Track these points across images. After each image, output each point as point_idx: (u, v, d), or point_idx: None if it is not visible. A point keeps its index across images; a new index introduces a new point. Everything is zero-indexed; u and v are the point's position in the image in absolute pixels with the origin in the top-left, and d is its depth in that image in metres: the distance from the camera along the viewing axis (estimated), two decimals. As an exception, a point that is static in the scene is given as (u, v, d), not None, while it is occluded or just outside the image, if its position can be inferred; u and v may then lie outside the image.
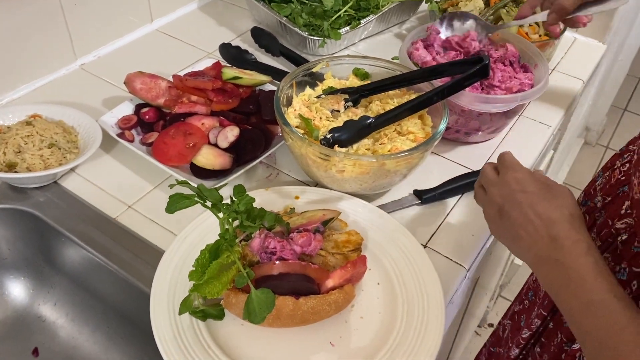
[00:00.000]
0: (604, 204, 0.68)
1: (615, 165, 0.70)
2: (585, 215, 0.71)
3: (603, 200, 0.68)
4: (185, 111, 0.90)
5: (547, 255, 0.57)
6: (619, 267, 0.61)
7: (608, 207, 0.67)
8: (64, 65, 1.05)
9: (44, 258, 0.86)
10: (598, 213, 0.68)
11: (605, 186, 0.69)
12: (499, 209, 0.63)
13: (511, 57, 0.93)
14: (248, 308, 0.60)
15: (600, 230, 0.65)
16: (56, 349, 0.84)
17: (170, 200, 0.62)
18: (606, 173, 0.72)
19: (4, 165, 0.79)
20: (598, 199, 0.69)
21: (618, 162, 0.70)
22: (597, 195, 0.70)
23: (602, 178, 0.72)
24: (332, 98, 0.87)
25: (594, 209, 0.69)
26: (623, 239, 0.61)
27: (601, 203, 0.68)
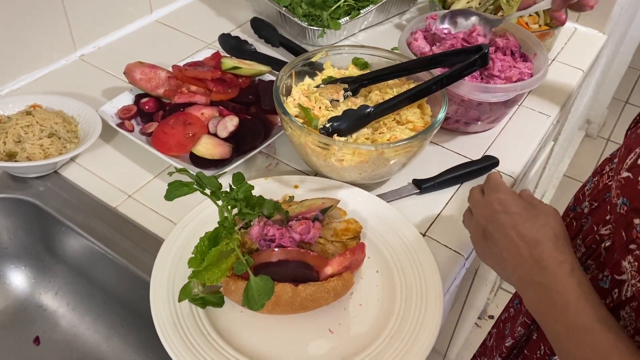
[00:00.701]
0: (590, 210, 0.66)
1: (604, 170, 0.68)
2: (573, 221, 0.69)
3: (590, 205, 0.67)
4: (185, 101, 0.90)
5: (530, 278, 0.56)
6: (601, 275, 0.59)
7: (594, 212, 0.65)
8: (63, 56, 1.05)
9: (44, 247, 0.86)
10: (584, 219, 0.67)
11: (594, 191, 0.68)
12: (483, 231, 0.63)
13: (512, 46, 0.93)
14: (247, 295, 0.60)
15: (586, 236, 0.64)
16: (57, 337, 0.85)
17: (169, 187, 0.62)
18: (595, 178, 0.70)
19: (4, 155, 0.79)
20: (585, 205, 0.68)
21: (607, 167, 0.68)
22: (585, 200, 0.69)
23: (591, 183, 0.70)
24: (332, 87, 0.87)
25: (581, 214, 0.68)
26: (606, 246, 0.60)
27: (588, 209, 0.67)
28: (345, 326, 0.66)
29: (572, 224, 0.69)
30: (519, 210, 0.60)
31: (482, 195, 0.66)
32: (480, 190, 0.67)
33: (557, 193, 2.33)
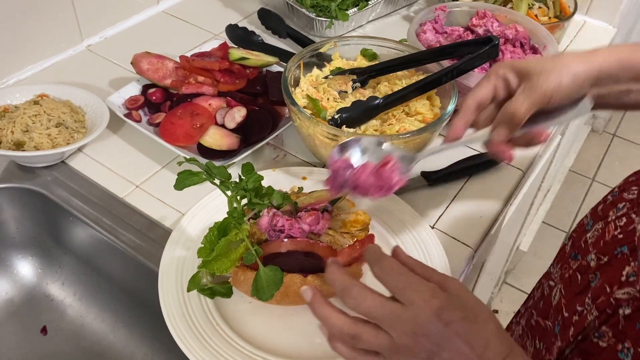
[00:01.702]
0: (599, 264, 0.59)
1: (609, 217, 0.62)
2: (577, 274, 0.62)
3: (598, 259, 0.60)
4: (192, 92, 0.90)
5: None
6: (621, 346, 0.53)
7: (604, 269, 0.58)
8: (70, 46, 1.04)
9: (52, 237, 0.86)
10: (592, 274, 0.60)
11: (599, 242, 0.61)
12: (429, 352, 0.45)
13: (521, 38, 0.92)
14: (256, 285, 0.60)
15: (597, 296, 0.57)
16: (64, 327, 0.85)
17: (179, 177, 0.62)
18: (598, 224, 0.63)
19: (12, 144, 0.79)
20: (591, 257, 0.61)
21: (612, 214, 0.62)
22: (590, 251, 0.62)
23: (593, 230, 0.64)
24: (340, 79, 0.87)
25: (587, 268, 0.61)
26: (626, 314, 0.52)
27: (595, 262, 0.60)
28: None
29: (576, 277, 0.62)
30: (457, 313, 0.46)
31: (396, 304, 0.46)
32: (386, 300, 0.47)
33: (562, 188, 2.32)
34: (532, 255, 2.11)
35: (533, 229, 2.03)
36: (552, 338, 0.64)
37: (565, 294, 0.64)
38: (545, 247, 2.18)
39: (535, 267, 2.12)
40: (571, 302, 0.62)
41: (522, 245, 1.98)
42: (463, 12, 1.02)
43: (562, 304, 0.64)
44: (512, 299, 2.03)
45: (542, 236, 2.18)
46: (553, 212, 2.23)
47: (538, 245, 2.13)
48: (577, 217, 2.32)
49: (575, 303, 0.60)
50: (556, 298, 0.66)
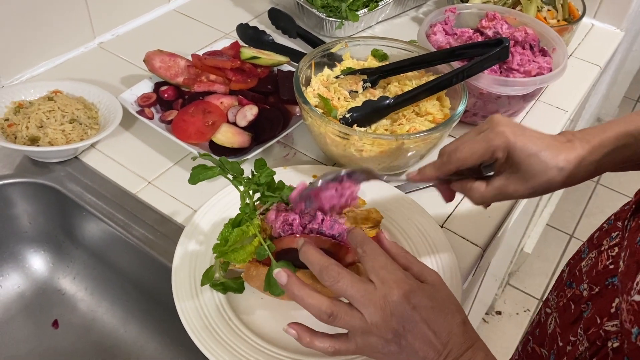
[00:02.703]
0: (590, 295, 0.58)
1: (603, 247, 0.61)
2: (571, 303, 0.61)
3: (590, 289, 0.58)
4: (204, 90, 0.91)
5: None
6: None
7: (595, 300, 0.57)
8: (82, 44, 1.05)
9: (64, 232, 0.87)
10: (584, 305, 0.58)
11: (592, 271, 0.60)
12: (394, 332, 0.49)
13: (531, 40, 0.93)
14: (269, 280, 0.61)
15: (588, 327, 0.56)
16: (75, 321, 0.86)
17: (193, 171, 0.63)
18: (592, 252, 0.63)
19: (26, 139, 0.80)
20: (584, 287, 0.60)
21: (605, 243, 0.61)
22: (584, 280, 0.60)
23: (588, 259, 0.62)
24: (351, 79, 0.88)
25: (580, 297, 0.59)
26: (614, 347, 0.51)
27: (587, 292, 0.59)
28: (364, 314, 0.67)
29: (569, 307, 0.61)
30: (426, 299, 0.50)
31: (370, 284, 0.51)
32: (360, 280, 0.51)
33: (566, 190, 2.32)
34: (535, 257, 2.12)
35: (537, 231, 2.04)
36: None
37: (560, 322, 0.63)
38: (549, 249, 2.18)
39: (539, 269, 2.13)
40: (565, 331, 0.61)
41: (526, 247, 1.99)
42: (472, 14, 1.03)
43: (557, 333, 0.63)
44: (515, 301, 2.03)
45: (546, 238, 2.18)
46: (557, 214, 2.24)
47: (542, 247, 2.14)
48: (580, 220, 2.32)
49: (569, 333, 0.59)
50: (551, 326, 0.65)
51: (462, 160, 0.60)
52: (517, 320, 1.98)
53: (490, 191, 0.61)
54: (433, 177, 0.64)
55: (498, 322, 1.96)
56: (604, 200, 2.41)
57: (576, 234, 2.26)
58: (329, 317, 0.51)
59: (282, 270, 0.54)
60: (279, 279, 0.54)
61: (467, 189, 0.63)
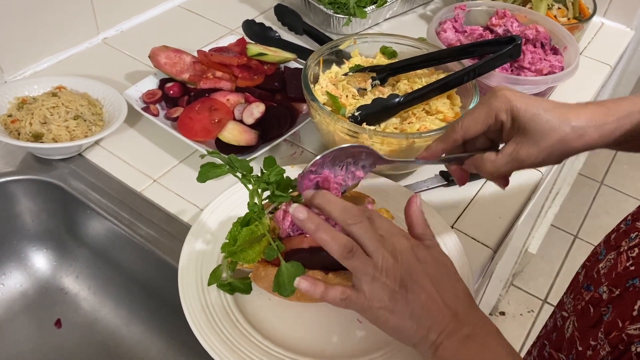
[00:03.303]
0: (611, 297, 0.57)
1: (622, 248, 0.59)
2: (590, 306, 0.59)
3: (610, 292, 0.57)
4: (210, 87, 0.89)
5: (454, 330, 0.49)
6: None
7: (616, 303, 0.56)
8: (86, 39, 1.04)
9: (67, 230, 0.86)
10: (604, 308, 0.57)
11: (611, 273, 0.58)
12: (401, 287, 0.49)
13: (542, 38, 0.91)
14: (278, 281, 0.59)
15: (609, 331, 0.54)
16: (78, 321, 0.85)
17: (201, 169, 0.61)
18: (610, 254, 0.61)
19: (30, 136, 0.79)
20: (603, 289, 0.58)
21: (624, 244, 0.59)
22: (603, 282, 0.59)
23: (606, 260, 0.61)
24: (359, 76, 0.86)
25: (600, 300, 0.58)
26: (638, 351, 0.50)
27: (607, 295, 0.57)
28: (373, 316, 0.66)
29: (588, 309, 0.60)
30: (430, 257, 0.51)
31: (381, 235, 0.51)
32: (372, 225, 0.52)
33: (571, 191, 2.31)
34: (539, 257, 2.10)
35: (542, 231, 2.02)
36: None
37: (578, 326, 0.62)
38: (553, 250, 2.17)
39: (543, 270, 2.11)
40: (585, 335, 0.60)
41: (531, 247, 1.97)
42: (482, 11, 1.02)
43: (575, 337, 0.62)
44: (519, 302, 2.02)
45: (550, 239, 2.17)
46: (561, 215, 2.23)
47: (546, 248, 2.13)
48: (585, 221, 2.31)
49: (588, 337, 0.58)
50: (569, 330, 0.64)
51: (465, 128, 0.59)
52: (521, 321, 1.97)
53: (502, 159, 0.58)
54: (439, 151, 0.62)
55: (502, 323, 1.94)
56: (608, 201, 2.40)
57: (580, 235, 2.25)
58: (348, 253, 0.50)
59: (300, 205, 0.53)
60: (296, 213, 0.52)
61: (479, 163, 0.60)
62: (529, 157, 0.57)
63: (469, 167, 0.62)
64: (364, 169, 0.62)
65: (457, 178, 0.65)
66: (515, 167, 0.59)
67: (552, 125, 0.55)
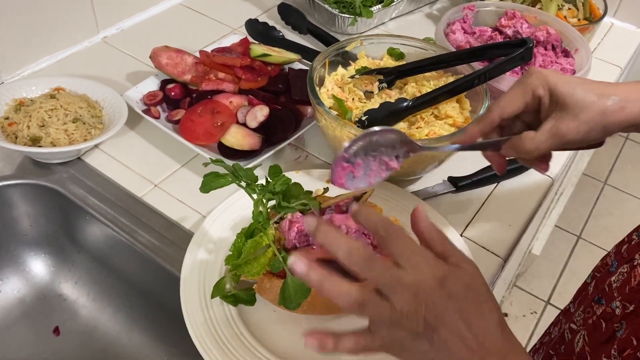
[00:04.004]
0: (624, 313, 0.55)
1: (635, 261, 0.58)
2: (602, 322, 0.58)
3: (623, 307, 0.56)
4: (213, 88, 0.87)
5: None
6: None
7: (631, 319, 0.54)
8: (86, 38, 1.02)
9: (65, 235, 0.84)
10: (617, 324, 0.55)
11: (624, 288, 0.57)
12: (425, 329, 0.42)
13: (553, 40, 0.89)
14: (284, 294, 0.57)
15: (623, 348, 0.53)
16: (77, 328, 0.83)
17: (205, 179, 0.59)
18: (623, 267, 0.59)
19: (28, 139, 0.77)
20: (616, 304, 0.57)
21: (638, 257, 0.58)
22: (615, 297, 0.58)
23: (618, 274, 0.59)
24: (366, 79, 0.84)
25: (612, 316, 0.57)
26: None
27: (621, 311, 0.56)
28: (381, 329, 0.64)
29: (600, 325, 0.58)
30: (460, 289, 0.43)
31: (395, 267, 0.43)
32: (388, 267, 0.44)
33: (575, 191, 2.29)
34: (542, 258, 2.09)
35: (546, 232, 2.00)
36: None
37: (589, 341, 0.60)
38: (557, 250, 2.15)
39: (546, 271, 2.10)
40: (596, 351, 0.58)
41: (535, 249, 1.95)
42: (490, 12, 0.99)
43: (586, 352, 0.60)
44: (521, 302, 2.00)
45: (554, 240, 2.15)
46: (565, 215, 2.21)
47: (549, 248, 2.11)
48: (588, 221, 2.29)
49: (601, 353, 0.57)
50: (579, 344, 0.62)
51: (502, 107, 0.57)
52: (524, 323, 1.95)
53: (541, 135, 0.56)
54: (476, 133, 0.59)
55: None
56: (611, 202, 2.38)
57: (584, 235, 2.23)
58: (359, 306, 0.44)
59: (298, 258, 0.46)
60: (295, 268, 0.46)
61: (517, 144, 0.57)
62: (570, 131, 0.54)
63: (507, 151, 0.59)
64: (397, 160, 0.58)
65: (496, 165, 0.62)
66: (556, 144, 0.55)
67: (591, 98, 0.54)
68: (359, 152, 0.56)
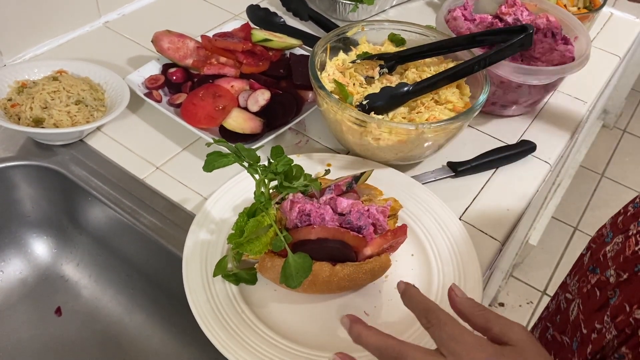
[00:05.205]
0: (618, 281, 0.57)
1: (630, 231, 0.59)
2: (596, 290, 0.60)
3: (617, 276, 0.57)
4: (214, 73, 0.88)
5: None
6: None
7: (624, 287, 0.56)
8: (87, 22, 1.02)
9: (68, 217, 0.84)
10: (611, 291, 0.57)
11: (619, 257, 0.58)
12: None
13: (553, 28, 0.90)
14: (285, 272, 0.58)
15: (615, 315, 0.54)
16: (79, 309, 0.83)
17: (208, 158, 0.60)
18: (618, 237, 0.61)
19: (30, 121, 0.77)
20: (611, 273, 0.59)
21: (632, 227, 0.59)
22: (610, 266, 0.59)
23: (613, 244, 0.61)
24: (367, 64, 0.84)
25: (606, 284, 0.58)
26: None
27: (615, 279, 0.58)
28: (381, 309, 0.65)
29: (594, 293, 0.60)
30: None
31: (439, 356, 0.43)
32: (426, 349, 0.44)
33: (573, 183, 2.30)
34: (539, 249, 2.10)
35: (542, 223, 2.02)
36: (569, 354, 0.62)
37: (583, 309, 0.62)
38: (553, 241, 2.17)
39: (542, 262, 2.11)
40: (590, 318, 0.59)
41: (532, 239, 1.97)
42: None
43: (580, 320, 0.62)
44: (518, 293, 2.02)
45: (551, 231, 2.17)
46: (562, 207, 2.22)
47: (546, 239, 2.12)
48: (585, 213, 2.30)
49: (593, 320, 0.58)
50: (574, 313, 0.64)
51: None
52: (520, 313, 1.97)
53: None
54: None
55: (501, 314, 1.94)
56: (608, 193, 2.39)
57: (580, 227, 2.25)
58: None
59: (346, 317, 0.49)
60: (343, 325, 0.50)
61: None
62: None
63: None
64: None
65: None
66: None
67: None
68: None
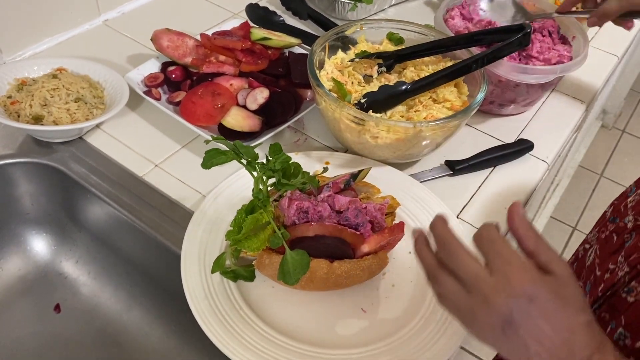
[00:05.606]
0: (635, 225, 0.60)
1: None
2: (613, 235, 0.63)
3: (635, 220, 0.61)
4: (213, 71, 0.88)
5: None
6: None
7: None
8: (87, 21, 1.02)
9: (67, 214, 0.84)
10: (627, 234, 0.60)
11: (638, 205, 0.63)
12: (504, 322, 0.44)
13: (550, 27, 0.90)
14: (283, 269, 0.59)
15: (629, 253, 0.57)
16: (78, 306, 0.84)
17: (206, 155, 0.60)
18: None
19: (30, 118, 0.77)
20: (629, 219, 0.62)
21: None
22: (629, 214, 0.63)
23: (634, 194, 0.65)
24: (365, 63, 0.85)
25: (624, 229, 0.62)
26: None
27: (632, 223, 0.61)
28: (378, 306, 0.65)
29: (612, 238, 0.63)
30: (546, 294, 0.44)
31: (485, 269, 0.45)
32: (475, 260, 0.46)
33: (572, 183, 2.31)
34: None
35: (541, 223, 2.02)
36: None
37: (599, 254, 0.64)
38: (552, 241, 2.15)
39: (541, 261, 2.11)
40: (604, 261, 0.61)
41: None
42: (490, -1, 1.00)
43: (595, 264, 0.64)
44: (516, 292, 2.02)
45: (550, 230, 2.17)
46: (561, 207, 2.22)
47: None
48: (584, 213, 2.31)
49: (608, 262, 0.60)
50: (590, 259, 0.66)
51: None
52: (518, 312, 1.97)
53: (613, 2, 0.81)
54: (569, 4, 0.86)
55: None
56: (607, 193, 2.39)
57: (579, 227, 2.25)
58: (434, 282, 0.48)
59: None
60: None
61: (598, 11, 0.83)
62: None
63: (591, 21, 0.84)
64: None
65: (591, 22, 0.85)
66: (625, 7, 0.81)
67: None
68: None
